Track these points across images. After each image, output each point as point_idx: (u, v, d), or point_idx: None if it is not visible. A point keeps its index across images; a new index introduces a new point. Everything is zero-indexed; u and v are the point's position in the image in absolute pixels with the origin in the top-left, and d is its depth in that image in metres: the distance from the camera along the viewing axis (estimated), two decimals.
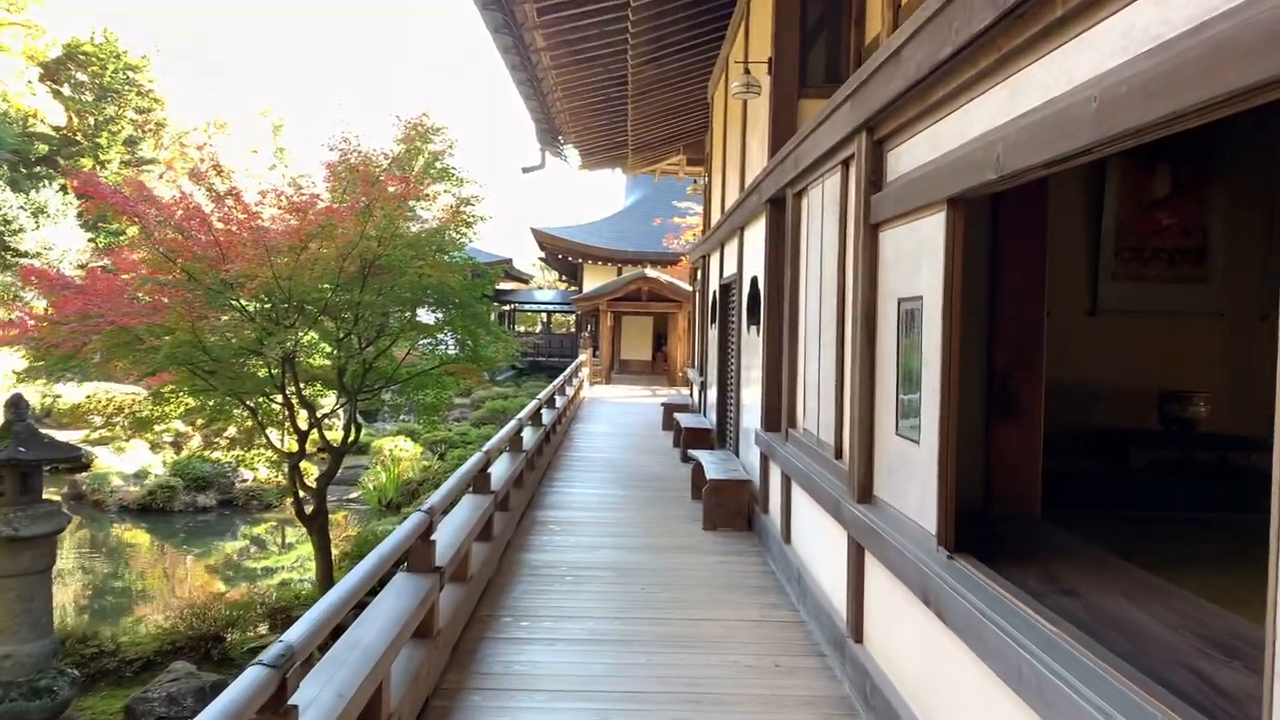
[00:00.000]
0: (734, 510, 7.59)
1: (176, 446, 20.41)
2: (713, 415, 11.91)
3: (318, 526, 9.84)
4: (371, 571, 3.54)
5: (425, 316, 11.68)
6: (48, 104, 28.43)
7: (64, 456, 7.37)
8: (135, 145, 30.86)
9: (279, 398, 9.49)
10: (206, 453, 16.56)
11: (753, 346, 8.29)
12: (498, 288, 37.46)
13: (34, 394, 20.27)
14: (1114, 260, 5.79)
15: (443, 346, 11.32)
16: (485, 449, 6.30)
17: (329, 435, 12.68)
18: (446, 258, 10.16)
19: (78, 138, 30.32)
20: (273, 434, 10.94)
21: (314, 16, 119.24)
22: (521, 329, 41.18)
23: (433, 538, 4.56)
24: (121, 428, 18.95)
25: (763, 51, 7.35)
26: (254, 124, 37.77)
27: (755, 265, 8.12)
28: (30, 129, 28.82)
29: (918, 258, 3.74)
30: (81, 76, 30.26)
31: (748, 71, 7.07)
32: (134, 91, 31.02)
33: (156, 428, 13.28)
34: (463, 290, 9.82)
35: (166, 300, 8.17)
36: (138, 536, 16.22)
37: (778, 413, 6.72)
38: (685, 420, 11.91)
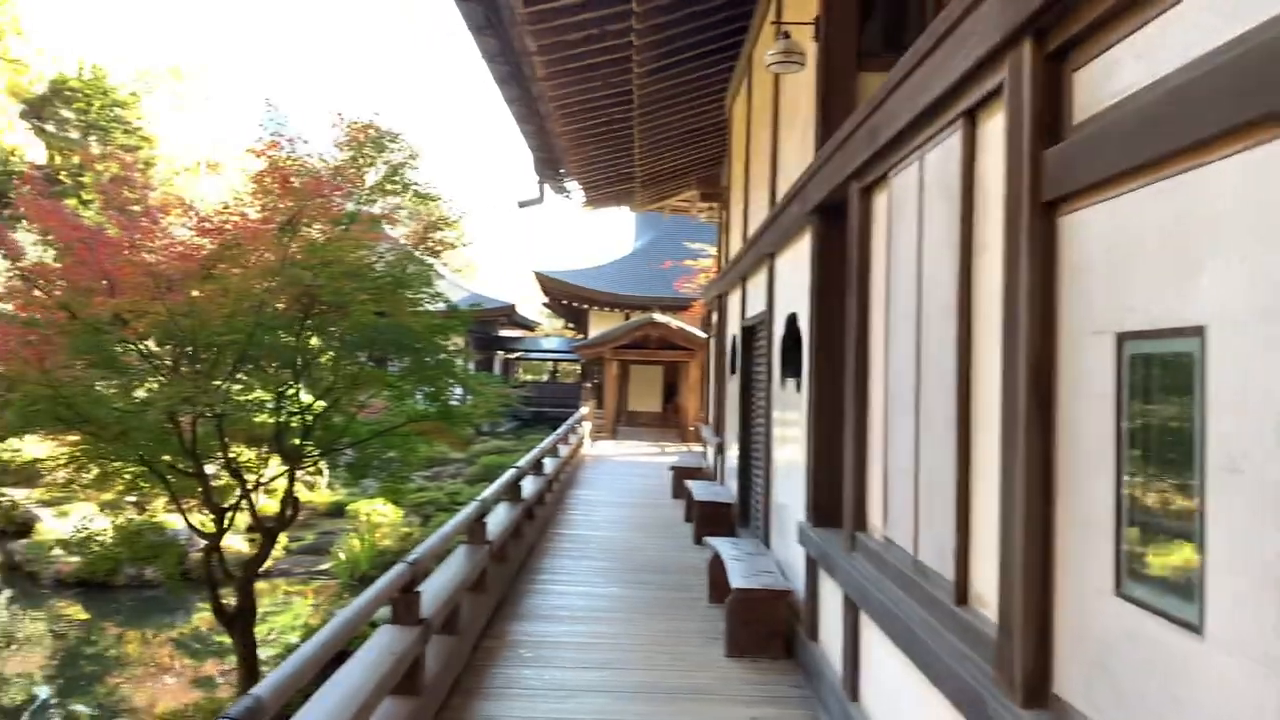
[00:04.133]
0: (768, 631, 5.57)
1: (140, 507, 18.45)
2: (733, 484, 9.89)
3: (239, 628, 7.84)
4: None
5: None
6: (28, 141, 26.99)
7: None
8: (122, 185, 29.43)
9: (192, 465, 7.59)
10: (160, 519, 14.60)
11: (790, 404, 6.36)
12: (501, 334, 35.83)
13: None
14: None
15: (411, 400, 9.40)
16: (411, 559, 4.34)
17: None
18: (410, 294, 8.28)
19: (60, 176, 28.89)
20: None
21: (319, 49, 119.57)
22: (528, 378, 39.49)
23: None
24: (55, 490, 16.93)
25: (806, 13, 5.53)
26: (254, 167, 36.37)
27: (793, 299, 6.22)
28: (10, 168, 27.41)
29: (1185, 248, 1.83)
30: (67, 113, 28.88)
31: (786, 35, 5.23)
32: (121, 129, 29.61)
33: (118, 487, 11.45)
34: (425, 333, 7.92)
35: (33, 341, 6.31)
36: (75, 614, 14.21)
37: (834, 504, 4.75)
38: (699, 491, 9.88)
